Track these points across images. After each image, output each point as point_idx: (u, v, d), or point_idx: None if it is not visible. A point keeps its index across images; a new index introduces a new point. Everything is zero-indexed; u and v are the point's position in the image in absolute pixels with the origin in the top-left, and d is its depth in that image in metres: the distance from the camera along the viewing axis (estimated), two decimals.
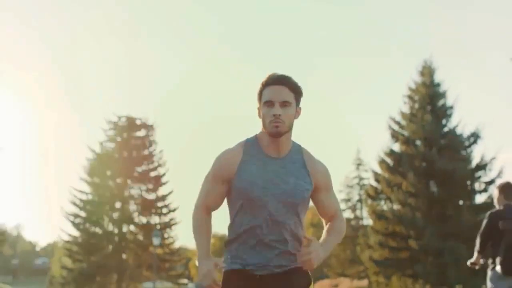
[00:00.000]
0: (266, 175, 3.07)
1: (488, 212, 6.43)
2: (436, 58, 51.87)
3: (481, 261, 6.32)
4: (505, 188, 6.37)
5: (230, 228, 3.19)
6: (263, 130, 3.14)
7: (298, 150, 3.18)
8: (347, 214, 42.58)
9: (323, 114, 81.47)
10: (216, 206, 3.24)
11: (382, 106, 70.34)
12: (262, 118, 3.12)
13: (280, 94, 3.06)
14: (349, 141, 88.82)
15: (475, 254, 6.37)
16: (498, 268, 6.11)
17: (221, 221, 3.44)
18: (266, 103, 3.07)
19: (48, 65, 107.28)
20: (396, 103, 45.55)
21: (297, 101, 3.14)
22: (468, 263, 6.43)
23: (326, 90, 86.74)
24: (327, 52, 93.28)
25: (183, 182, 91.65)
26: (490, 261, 6.26)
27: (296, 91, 3.11)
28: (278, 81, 3.09)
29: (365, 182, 41.85)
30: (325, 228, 3.28)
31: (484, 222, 6.32)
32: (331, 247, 3.20)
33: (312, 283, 3.20)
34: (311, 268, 3.02)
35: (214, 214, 3.28)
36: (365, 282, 38.17)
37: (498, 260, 6.09)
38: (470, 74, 74.33)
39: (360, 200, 42.58)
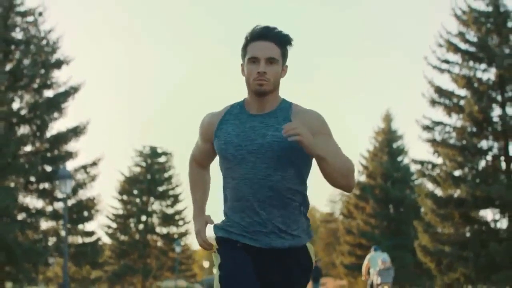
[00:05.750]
0: (243, 132, 3.03)
1: None
2: None
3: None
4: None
5: (223, 192, 3.16)
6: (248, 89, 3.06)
7: (287, 107, 3.08)
8: (332, 225, 54.58)
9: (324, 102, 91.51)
10: (204, 163, 3.33)
11: (379, 108, 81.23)
12: (245, 76, 3.05)
13: (266, 50, 2.99)
14: (349, 143, 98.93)
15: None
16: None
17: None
18: (250, 59, 3.00)
19: None
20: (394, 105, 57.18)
21: (284, 57, 3.05)
22: None
23: (327, 91, 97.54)
24: (328, 53, 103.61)
25: None
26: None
27: (283, 45, 3.04)
28: (263, 35, 3.01)
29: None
30: None
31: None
32: (329, 155, 2.86)
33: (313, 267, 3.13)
34: (302, 142, 2.77)
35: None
36: (345, 281, 50.12)
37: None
38: None
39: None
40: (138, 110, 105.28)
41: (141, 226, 47.43)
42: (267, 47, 2.99)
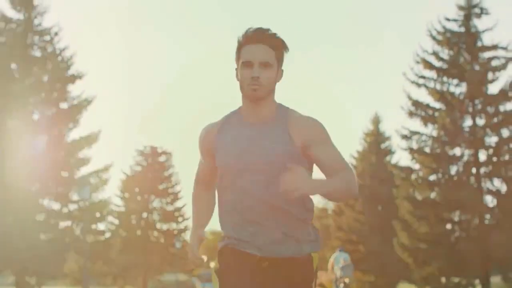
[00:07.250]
0: (241, 143, 2.99)
1: None
2: None
3: None
4: None
5: (218, 203, 3.15)
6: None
7: (284, 114, 3.02)
8: (325, 221, 58.09)
9: (319, 104, 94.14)
10: (209, 180, 3.25)
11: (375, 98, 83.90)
12: (239, 81, 3.00)
13: (260, 53, 2.93)
14: (345, 132, 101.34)
15: None
16: None
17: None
18: (243, 64, 2.96)
19: None
20: (388, 98, 60.11)
21: (279, 61, 3.00)
22: None
23: (325, 79, 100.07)
24: (327, 41, 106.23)
25: None
26: None
27: (278, 49, 2.98)
28: (257, 38, 2.95)
29: None
30: None
31: None
32: (327, 186, 2.88)
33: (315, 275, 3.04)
34: (293, 193, 2.74)
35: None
36: None
37: None
38: None
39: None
40: (138, 111, 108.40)
41: (142, 223, 50.06)
42: (261, 50, 2.94)
